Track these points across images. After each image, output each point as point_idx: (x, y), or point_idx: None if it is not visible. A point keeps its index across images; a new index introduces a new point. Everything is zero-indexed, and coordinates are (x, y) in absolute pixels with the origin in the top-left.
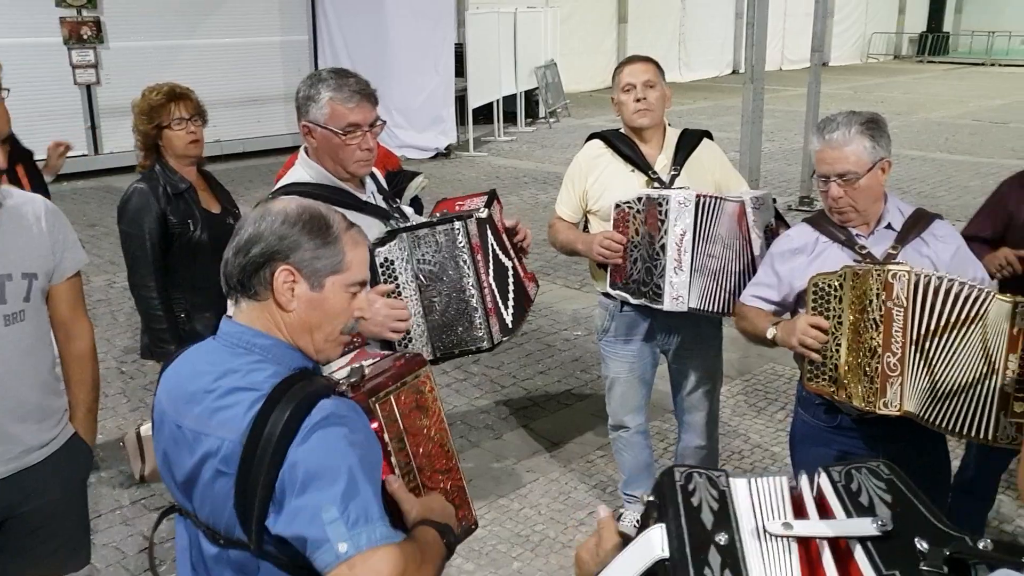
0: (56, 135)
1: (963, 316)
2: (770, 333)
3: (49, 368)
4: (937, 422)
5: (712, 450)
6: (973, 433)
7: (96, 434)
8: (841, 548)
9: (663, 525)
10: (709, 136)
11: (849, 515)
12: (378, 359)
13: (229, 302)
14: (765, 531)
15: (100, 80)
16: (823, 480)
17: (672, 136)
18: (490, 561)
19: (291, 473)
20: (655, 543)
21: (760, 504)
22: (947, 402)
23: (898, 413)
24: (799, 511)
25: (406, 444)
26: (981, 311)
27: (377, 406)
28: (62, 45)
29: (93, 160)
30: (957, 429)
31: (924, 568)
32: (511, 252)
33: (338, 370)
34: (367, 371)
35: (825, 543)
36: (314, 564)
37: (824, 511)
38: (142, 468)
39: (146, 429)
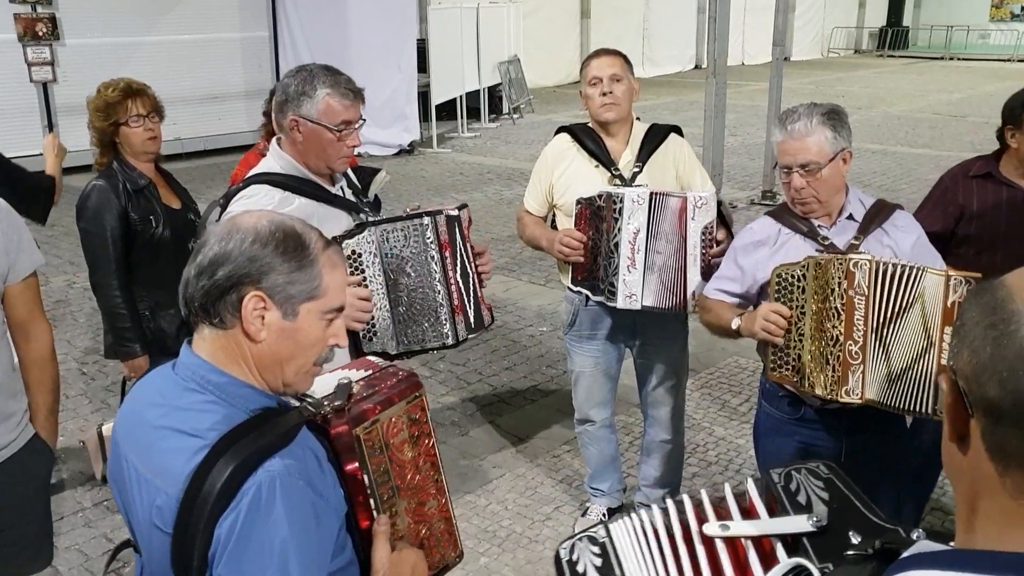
0: (12, 134)
1: (909, 297)
2: (734, 324)
3: (7, 371)
4: (893, 404)
5: (678, 444)
6: (917, 408)
7: (57, 435)
8: (765, 549)
9: None
10: (678, 131)
11: (785, 514)
12: (370, 372)
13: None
14: (707, 534)
15: (57, 78)
16: (749, 485)
17: (639, 131)
18: None
19: (222, 545)
20: None
21: (648, 532)
22: (898, 383)
23: (860, 401)
24: (705, 518)
25: (391, 476)
26: (919, 288)
27: (361, 436)
28: (17, 42)
29: None
30: (906, 407)
31: (849, 554)
32: (475, 267)
33: (330, 373)
34: (355, 388)
35: (750, 543)
36: None
37: (749, 514)
38: (103, 468)
39: (107, 429)
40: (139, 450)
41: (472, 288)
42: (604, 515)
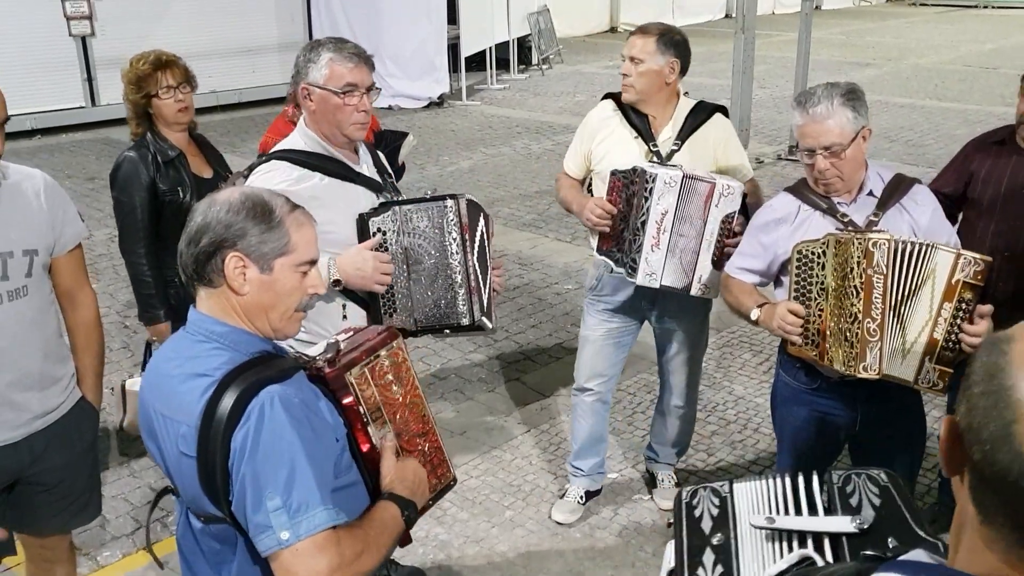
0: (53, 88)
1: (923, 273)
2: (754, 315)
3: (54, 338)
4: (905, 377)
5: (690, 410)
6: (897, 374)
7: (102, 398)
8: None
9: (673, 540)
10: (724, 111)
11: (834, 513)
12: (351, 334)
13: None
14: (753, 525)
15: (95, 31)
16: (814, 481)
17: (684, 108)
18: (483, 510)
19: (238, 457)
20: (668, 557)
21: (761, 502)
22: (909, 357)
23: (877, 376)
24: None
25: (383, 412)
26: (932, 264)
27: (352, 379)
28: None
29: (90, 112)
30: (911, 379)
31: (865, 553)
32: (490, 265)
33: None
34: (342, 346)
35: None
36: (256, 546)
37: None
38: (123, 419)
39: (131, 383)
40: (162, 398)
41: (487, 279)
42: (581, 498)
